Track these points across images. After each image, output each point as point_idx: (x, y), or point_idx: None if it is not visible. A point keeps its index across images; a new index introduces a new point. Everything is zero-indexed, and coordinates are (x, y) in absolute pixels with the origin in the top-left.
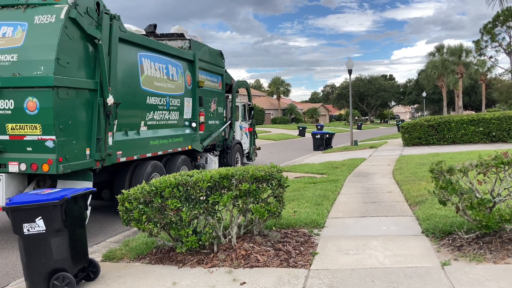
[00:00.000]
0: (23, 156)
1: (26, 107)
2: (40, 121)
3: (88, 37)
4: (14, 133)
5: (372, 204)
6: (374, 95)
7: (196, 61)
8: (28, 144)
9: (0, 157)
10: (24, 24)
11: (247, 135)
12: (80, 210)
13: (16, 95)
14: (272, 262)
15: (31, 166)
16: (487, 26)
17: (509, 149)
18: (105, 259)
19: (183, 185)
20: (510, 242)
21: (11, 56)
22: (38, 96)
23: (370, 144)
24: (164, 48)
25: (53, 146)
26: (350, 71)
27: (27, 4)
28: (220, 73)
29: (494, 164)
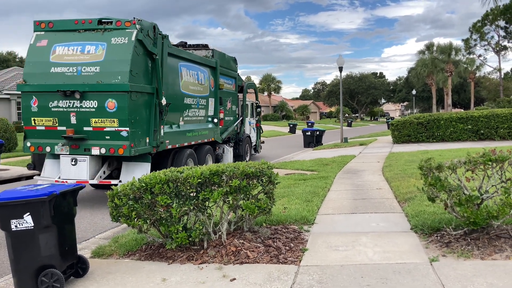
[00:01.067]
0: (103, 142)
1: (107, 106)
2: (117, 117)
3: (149, 53)
4: (96, 125)
5: (362, 200)
6: (364, 93)
7: (218, 68)
8: (107, 134)
9: (85, 143)
10: (104, 44)
11: (254, 129)
12: (69, 206)
13: (99, 97)
14: (262, 258)
15: (109, 150)
16: (476, 24)
17: (497, 146)
18: (94, 255)
19: (173, 181)
20: (497, 238)
21: (95, 68)
22: (116, 98)
23: (360, 141)
24: (196, 58)
25: (127, 135)
26: (340, 68)
27: (104, 28)
28: (234, 76)
29: (482, 161)
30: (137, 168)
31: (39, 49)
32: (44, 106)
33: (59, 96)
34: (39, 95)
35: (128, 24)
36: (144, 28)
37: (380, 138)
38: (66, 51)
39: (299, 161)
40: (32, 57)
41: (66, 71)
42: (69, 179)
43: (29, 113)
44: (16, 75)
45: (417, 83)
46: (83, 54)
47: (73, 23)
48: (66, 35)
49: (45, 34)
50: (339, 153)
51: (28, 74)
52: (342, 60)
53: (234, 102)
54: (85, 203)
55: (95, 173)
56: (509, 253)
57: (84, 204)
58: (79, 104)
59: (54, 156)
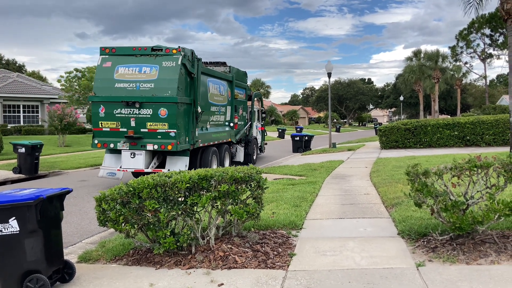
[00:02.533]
0: (155, 140)
1: (159, 113)
2: (167, 121)
3: (189, 73)
4: (151, 128)
5: (350, 206)
6: (352, 98)
7: (234, 81)
8: (159, 134)
9: (141, 141)
10: (157, 66)
11: (260, 132)
12: (56, 210)
13: (153, 106)
14: (250, 263)
15: (160, 146)
16: (462, 32)
17: (482, 153)
18: (81, 260)
19: (161, 186)
20: (482, 243)
21: (150, 84)
22: (167, 107)
23: (348, 146)
24: (219, 75)
25: (174, 135)
26: (329, 74)
27: (156, 54)
28: (244, 87)
29: (467, 167)
30: (179, 160)
31: (105, 69)
32: (110, 112)
33: (122, 105)
34: (106, 104)
35: (175, 51)
36: (186, 54)
37: (368, 143)
38: (126, 71)
39: (288, 166)
40: (100, 75)
41: (127, 86)
42: (128, 168)
43: (97, 117)
44: (2, 78)
45: (404, 89)
46: (140, 73)
47: (131, 49)
48: (126, 58)
49: (109, 57)
50: (328, 158)
51: (97, 88)
52: (331, 66)
53: (245, 109)
54: (72, 207)
55: (148, 164)
56: (493, 258)
57: (71, 208)
58: (138, 111)
59: (111, 151)
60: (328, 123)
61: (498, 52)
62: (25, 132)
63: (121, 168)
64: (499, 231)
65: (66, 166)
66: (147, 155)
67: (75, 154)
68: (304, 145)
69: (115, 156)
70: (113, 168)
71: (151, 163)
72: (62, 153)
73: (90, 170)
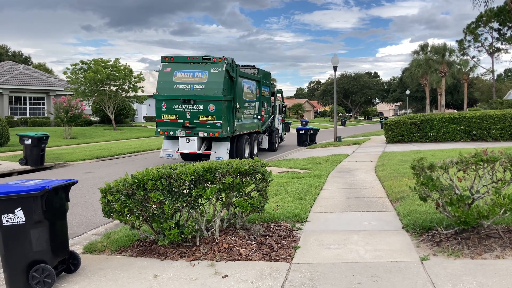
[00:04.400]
0: (205, 129)
1: (209, 108)
2: (215, 114)
3: (230, 77)
4: (202, 119)
5: (354, 199)
6: (358, 92)
7: (261, 81)
8: (208, 124)
9: (194, 130)
10: (206, 72)
11: (281, 124)
12: (61, 201)
13: (204, 103)
14: (254, 255)
15: (209, 134)
16: (470, 26)
17: (489, 147)
18: (86, 251)
19: (166, 178)
20: (487, 238)
21: (202, 86)
22: (215, 104)
23: (353, 140)
24: (250, 76)
25: (220, 125)
26: (335, 67)
27: (206, 62)
28: (269, 85)
29: (473, 161)
30: (222, 145)
31: (166, 73)
32: (170, 107)
33: (179, 102)
34: (167, 101)
35: (220, 60)
36: (228, 62)
37: (373, 137)
38: (183, 75)
39: (293, 159)
40: (162, 78)
41: (184, 87)
42: (184, 150)
43: (160, 111)
44: (9, 69)
45: (411, 83)
46: (194, 77)
47: (186, 58)
48: (182, 65)
49: (169, 64)
50: (333, 152)
51: (160, 88)
52: (336, 59)
53: (269, 104)
54: (78, 198)
55: (200, 147)
56: (498, 252)
57: (76, 199)
58: (192, 107)
59: (168, 137)
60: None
61: (506, 46)
62: (31, 124)
63: (179, 151)
64: (505, 225)
65: (71, 158)
66: (198, 141)
67: (80, 146)
68: (309, 138)
69: (172, 141)
70: (171, 150)
71: (201, 147)
72: (67, 145)
73: (96, 162)
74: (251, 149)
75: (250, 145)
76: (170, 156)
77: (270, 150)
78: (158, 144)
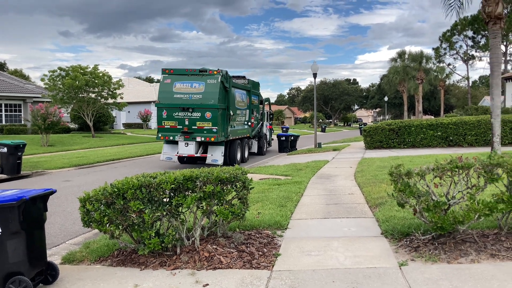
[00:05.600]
0: (202, 134)
1: (205, 116)
2: (211, 121)
3: (225, 87)
4: (199, 125)
5: (334, 205)
6: (338, 99)
7: (251, 90)
8: (205, 130)
9: (192, 135)
10: (203, 83)
11: (268, 130)
12: (39, 211)
13: (201, 110)
14: (235, 263)
15: (205, 139)
16: (445, 34)
17: (464, 153)
18: (64, 261)
19: (146, 187)
20: (463, 242)
21: (199, 95)
22: (211, 112)
23: (333, 146)
24: (242, 86)
25: (216, 131)
26: (315, 74)
27: (202, 74)
28: (258, 94)
29: (449, 168)
30: (217, 149)
31: (166, 84)
32: (170, 115)
33: (179, 109)
34: (168, 109)
35: (216, 72)
36: (223, 74)
37: (353, 143)
38: (182, 86)
39: (274, 166)
40: (162, 88)
41: (183, 97)
42: (183, 153)
43: (161, 118)
44: None
45: (389, 90)
46: (192, 88)
47: (185, 70)
48: (181, 77)
49: (169, 76)
50: (313, 158)
51: (161, 97)
52: (316, 66)
53: (258, 111)
54: (56, 208)
55: (197, 151)
56: (473, 256)
57: (54, 209)
58: (190, 114)
59: (168, 142)
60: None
61: (480, 54)
62: (7, 132)
63: (178, 154)
64: (479, 230)
65: (49, 166)
66: (196, 145)
67: (59, 154)
68: (290, 145)
69: (171, 146)
70: (171, 153)
71: (198, 150)
72: (45, 152)
73: (74, 170)
74: (242, 153)
75: (242, 149)
76: (170, 159)
77: (259, 154)
78: (138, 151)
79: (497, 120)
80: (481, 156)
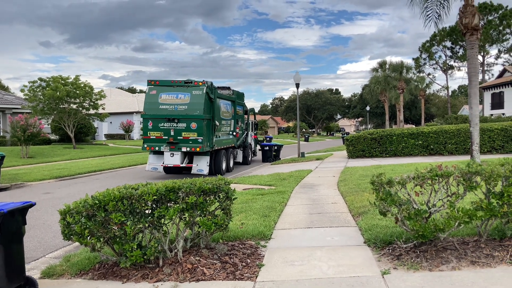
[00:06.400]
0: (187, 145)
1: (191, 126)
2: (197, 131)
3: (210, 98)
4: (185, 136)
5: (318, 215)
6: (320, 108)
7: (236, 101)
8: (190, 140)
9: (178, 145)
10: (189, 94)
11: (253, 140)
12: (18, 225)
13: (187, 121)
14: (218, 275)
15: (191, 149)
16: (425, 45)
17: (444, 161)
18: (44, 276)
19: (128, 199)
20: (444, 250)
21: (184, 106)
22: (196, 122)
23: (316, 156)
24: (226, 97)
25: (201, 141)
26: (297, 84)
27: (188, 85)
28: (242, 105)
29: (429, 176)
30: (202, 159)
31: (152, 95)
32: (156, 125)
33: (164, 120)
34: (153, 120)
35: (201, 83)
36: (208, 85)
37: (335, 153)
38: (168, 97)
39: (257, 176)
40: (148, 99)
41: (168, 108)
42: (169, 164)
43: (147, 129)
44: None
45: (371, 99)
46: (177, 99)
47: (170, 82)
48: (167, 88)
49: (154, 87)
50: (296, 168)
51: (147, 108)
52: (299, 76)
53: (243, 121)
54: (36, 220)
55: (183, 161)
56: (454, 264)
57: (34, 222)
58: (176, 125)
59: (154, 152)
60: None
61: (458, 64)
62: None
63: (164, 164)
64: (460, 237)
65: (29, 178)
66: (182, 155)
67: (39, 166)
68: (273, 154)
69: (157, 156)
70: (157, 164)
71: (184, 160)
72: (25, 164)
73: (55, 182)
74: (228, 163)
75: (227, 159)
76: (155, 170)
77: (244, 163)
78: (120, 162)
79: (476, 129)
80: (461, 164)
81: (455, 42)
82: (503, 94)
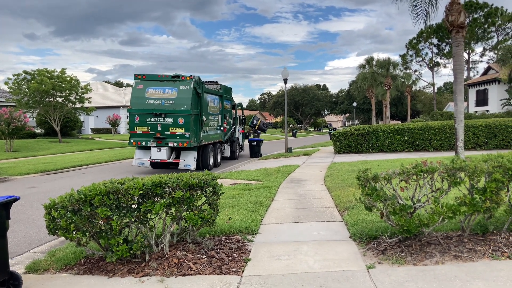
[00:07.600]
0: (175, 140)
1: (178, 121)
2: (184, 126)
3: (197, 93)
4: (172, 131)
5: (304, 210)
6: (308, 104)
7: (224, 96)
8: (178, 135)
9: (165, 140)
10: (176, 88)
11: (241, 134)
12: (1, 219)
13: (174, 116)
14: (205, 269)
15: (178, 144)
16: (412, 41)
17: (429, 157)
18: (28, 271)
19: (114, 193)
20: (428, 245)
21: (172, 101)
22: (184, 117)
23: (303, 151)
24: (214, 92)
25: (188, 136)
26: (285, 80)
27: (175, 80)
28: (230, 99)
29: (414, 172)
30: (190, 154)
31: (138, 90)
32: (143, 120)
33: (151, 115)
34: (140, 114)
35: (188, 78)
36: (195, 80)
37: (322, 148)
38: (154, 91)
39: (245, 171)
40: (135, 94)
41: (155, 102)
42: (156, 159)
43: (133, 124)
44: None
45: (358, 95)
46: (164, 93)
47: (157, 76)
48: (154, 82)
49: (141, 82)
50: (284, 163)
51: (133, 103)
52: (286, 72)
53: (230, 116)
54: (20, 215)
55: (170, 156)
56: (438, 258)
57: (18, 216)
58: (163, 120)
59: (140, 147)
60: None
61: (444, 61)
62: None
63: (150, 159)
64: (444, 232)
65: (13, 172)
66: (169, 150)
67: (24, 160)
68: (261, 150)
69: (144, 151)
70: (143, 159)
71: (171, 156)
72: (9, 158)
73: (40, 176)
74: (215, 158)
75: (214, 154)
76: (142, 165)
77: (231, 158)
78: (107, 157)
79: (461, 126)
80: (446, 160)
81: (441, 39)
82: (487, 91)
